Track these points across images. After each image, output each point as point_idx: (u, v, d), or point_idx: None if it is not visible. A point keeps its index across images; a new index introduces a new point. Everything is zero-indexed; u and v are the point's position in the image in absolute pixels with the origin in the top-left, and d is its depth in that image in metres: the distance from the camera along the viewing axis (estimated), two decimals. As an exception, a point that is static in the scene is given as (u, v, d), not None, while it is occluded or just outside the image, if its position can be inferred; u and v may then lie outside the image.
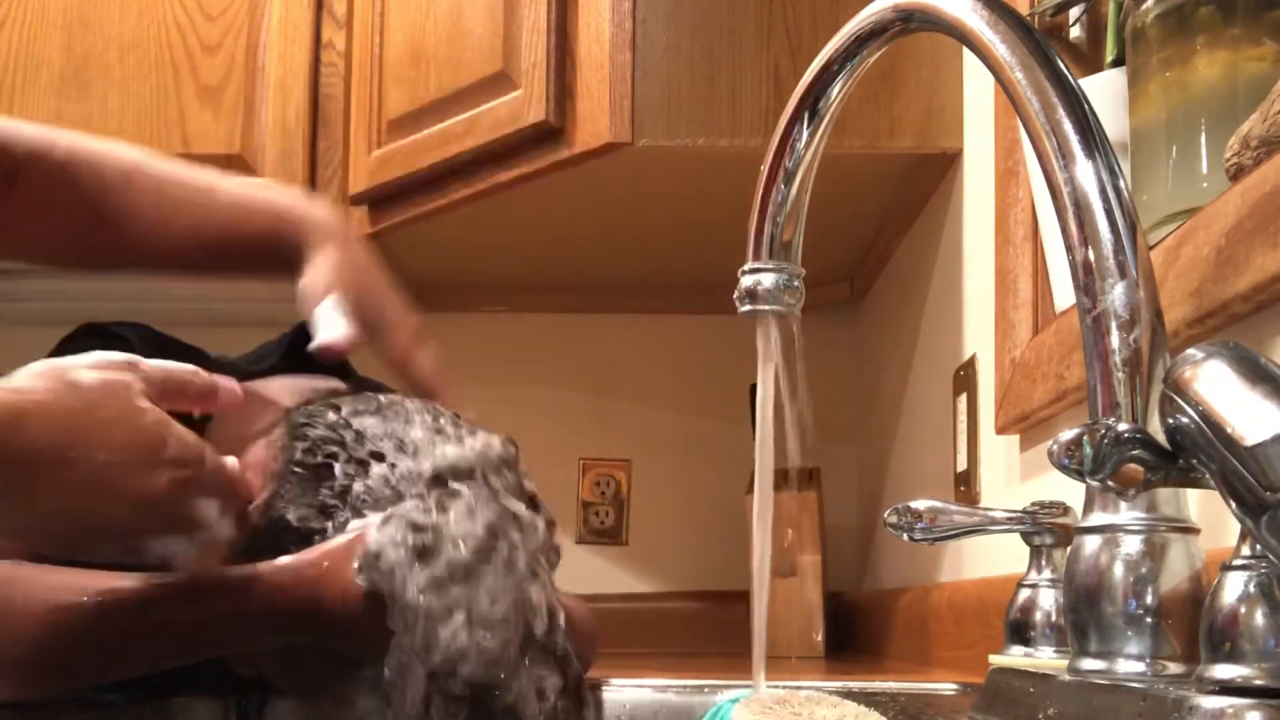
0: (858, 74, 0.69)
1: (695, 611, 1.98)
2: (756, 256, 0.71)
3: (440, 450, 0.69)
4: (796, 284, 0.70)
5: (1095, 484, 0.51)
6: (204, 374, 0.68)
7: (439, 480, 0.67)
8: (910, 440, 1.60)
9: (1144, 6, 0.77)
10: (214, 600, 0.68)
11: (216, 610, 0.68)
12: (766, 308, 0.70)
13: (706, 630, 1.94)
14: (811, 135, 0.70)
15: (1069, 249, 0.54)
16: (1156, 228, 0.76)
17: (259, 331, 0.99)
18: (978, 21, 0.58)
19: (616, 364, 2.06)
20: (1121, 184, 0.54)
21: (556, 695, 0.62)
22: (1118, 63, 0.88)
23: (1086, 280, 0.53)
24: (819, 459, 1.93)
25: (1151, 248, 0.75)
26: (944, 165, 1.39)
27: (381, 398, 0.74)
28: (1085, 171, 0.54)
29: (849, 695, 0.70)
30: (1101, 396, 0.53)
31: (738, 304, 0.71)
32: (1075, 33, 1.01)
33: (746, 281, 0.70)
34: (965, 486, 1.27)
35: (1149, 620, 0.51)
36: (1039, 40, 0.57)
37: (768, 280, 0.70)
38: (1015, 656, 0.76)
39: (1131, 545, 0.52)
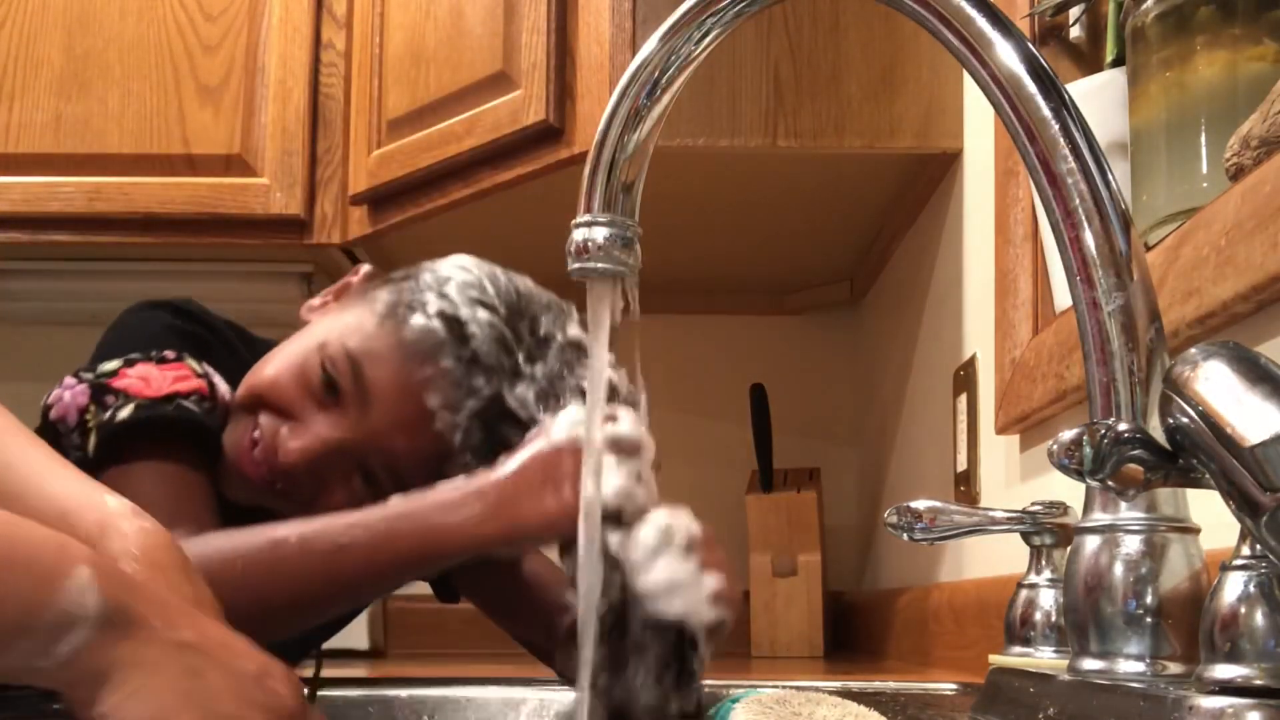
0: None
1: (695, 611, 1.98)
2: (589, 208, 0.61)
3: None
4: (633, 238, 0.61)
5: (1095, 484, 0.50)
6: None
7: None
8: (910, 440, 1.60)
9: (1144, 6, 0.77)
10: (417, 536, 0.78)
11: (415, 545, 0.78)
12: (599, 266, 0.61)
13: (706, 630, 1.94)
14: (681, 65, 0.64)
15: (1068, 249, 0.54)
16: (1156, 228, 0.76)
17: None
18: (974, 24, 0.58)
19: (616, 364, 2.06)
20: (1113, 182, 0.54)
21: None
22: (1118, 63, 0.88)
23: (1086, 280, 0.53)
24: (819, 459, 1.93)
25: (1151, 248, 0.75)
26: (944, 165, 1.39)
27: None
28: (1080, 170, 0.54)
29: (849, 695, 0.70)
30: (1101, 396, 0.53)
31: (569, 262, 0.61)
32: (1075, 33, 1.01)
33: (578, 236, 0.61)
34: (965, 486, 1.27)
35: (1149, 620, 0.51)
36: (1023, 40, 0.57)
37: (600, 235, 0.61)
38: (1015, 656, 0.76)
39: (1131, 545, 0.52)
